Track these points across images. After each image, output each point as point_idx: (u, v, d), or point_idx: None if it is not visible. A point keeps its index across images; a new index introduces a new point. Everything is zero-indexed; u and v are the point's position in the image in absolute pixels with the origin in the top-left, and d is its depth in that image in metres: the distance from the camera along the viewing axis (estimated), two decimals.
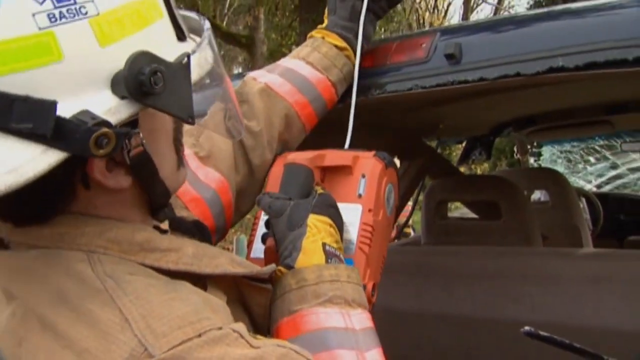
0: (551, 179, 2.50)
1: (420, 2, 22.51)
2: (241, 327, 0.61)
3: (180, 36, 0.65)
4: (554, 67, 0.88)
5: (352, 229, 0.85)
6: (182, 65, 0.61)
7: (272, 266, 0.75)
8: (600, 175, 4.86)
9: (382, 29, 11.05)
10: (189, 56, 0.61)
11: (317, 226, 0.78)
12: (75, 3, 0.54)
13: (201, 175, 0.95)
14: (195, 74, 0.63)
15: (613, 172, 4.83)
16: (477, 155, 3.05)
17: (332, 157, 0.90)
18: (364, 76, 1.07)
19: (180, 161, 0.72)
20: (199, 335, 0.56)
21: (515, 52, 0.92)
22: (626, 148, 3.52)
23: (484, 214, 2.38)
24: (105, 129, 0.54)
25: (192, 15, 0.72)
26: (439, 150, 2.77)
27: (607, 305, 1.28)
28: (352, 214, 0.85)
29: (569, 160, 4.73)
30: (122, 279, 0.59)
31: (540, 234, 1.94)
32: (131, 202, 0.68)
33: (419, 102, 1.76)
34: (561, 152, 4.64)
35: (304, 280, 0.74)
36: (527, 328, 0.78)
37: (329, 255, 0.76)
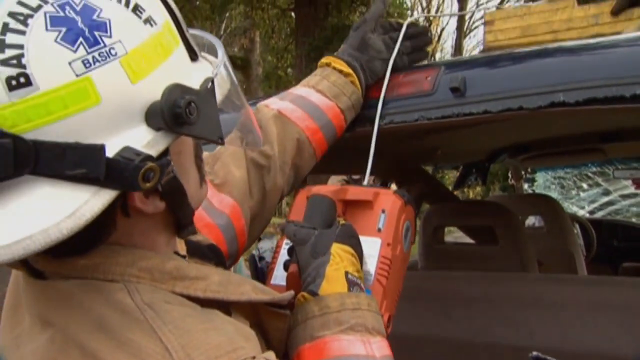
0: (546, 205, 2.54)
1: None
2: (271, 355, 0.64)
3: (193, 57, 0.68)
4: (555, 102, 0.92)
5: (371, 261, 0.88)
6: (208, 90, 0.64)
7: (291, 293, 0.78)
8: (592, 202, 4.92)
9: None
10: (212, 81, 0.65)
11: (340, 255, 0.81)
12: (105, 46, 0.57)
13: (216, 202, 0.98)
14: (218, 95, 0.66)
15: (605, 199, 4.89)
16: (473, 181, 3.09)
17: (354, 191, 0.94)
18: (371, 106, 1.11)
19: (202, 178, 0.74)
20: None
21: (518, 86, 0.96)
22: (618, 175, 3.58)
23: (480, 239, 2.41)
24: (150, 164, 0.57)
25: (198, 33, 0.73)
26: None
27: (603, 331, 1.30)
28: (371, 246, 0.88)
29: (563, 187, 4.79)
30: (160, 308, 0.61)
31: (536, 260, 1.97)
32: (163, 226, 0.70)
33: (420, 131, 1.81)
34: (555, 178, 4.69)
35: (327, 308, 0.76)
36: (535, 353, 0.80)
37: (351, 284, 0.78)
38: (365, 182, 1.05)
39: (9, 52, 0.54)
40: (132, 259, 0.65)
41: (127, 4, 0.60)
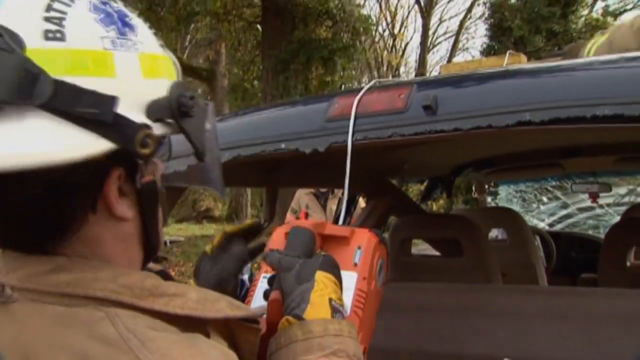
0: (509, 218, 2.62)
1: (378, 42, 23.12)
2: None
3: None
4: (522, 121, 0.97)
5: (348, 294, 0.91)
6: (204, 107, 0.71)
7: (264, 306, 0.83)
8: (552, 214, 5.07)
9: (343, 68, 11.31)
10: (209, 104, 0.72)
11: (324, 282, 0.83)
12: (130, 39, 0.67)
13: None
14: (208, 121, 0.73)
15: (564, 212, 5.04)
16: (439, 194, 3.16)
17: (332, 227, 0.98)
18: (344, 124, 1.13)
19: (166, 220, 0.78)
20: None
21: (488, 105, 1.01)
22: (576, 189, 3.71)
23: (446, 251, 2.47)
24: (150, 131, 0.64)
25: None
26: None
27: (564, 339, 1.35)
28: (348, 280, 0.91)
29: (524, 200, 4.92)
30: (145, 336, 0.61)
31: (500, 271, 2.03)
32: (133, 241, 0.71)
33: (390, 147, 1.85)
34: (516, 191, 4.82)
35: (310, 332, 0.78)
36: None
37: (334, 310, 0.81)
38: (342, 219, 1.16)
39: (54, 14, 0.62)
40: (113, 275, 0.66)
41: (150, 28, 0.72)
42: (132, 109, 0.64)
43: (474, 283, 1.87)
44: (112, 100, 0.61)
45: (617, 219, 3.29)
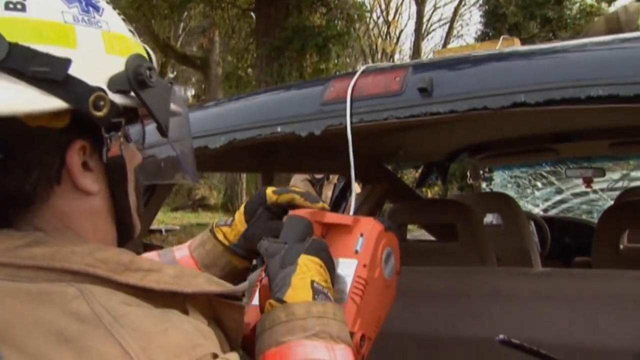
0: (503, 203, 2.63)
1: (373, 29, 23.03)
2: (234, 356, 0.66)
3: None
4: (516, 102, 0.97)
5: (347, 280, 0.90)
6: (167, 85, 0.74)
7: (245, 284, 0.85)
8: (546, 200, 5.10)
9: (338, 55, 11.27)
10: (172, 83, 0.76)
11: (307, 265, 0.83)
12: (94, 17, 0.70)
13: None
14: (173, 102, 0.76)
15: (558, 197, 5.08)
16: (434, 180, 3.17)
17: (333, 216, 0.97)
18: (341, 107, 1.14)
19: (140, 207, 0.82)
20: None
21: (483, 87, 1.01)
22: (570, 174, 3.73)
23: (441, 236, 2.49)
24: (103, 94, 0.66)
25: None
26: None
27: (559, 320, 1.37)
28: (348, 267, 0.91)
29: (519, 185, 4.94)
30: (117, 312, 0.61)
31: (494, 256, 2.05)
32: (103, 217, 0.73)
33: (384, 131, 1.85)
34: (511, 177, 4.84)
35: (292, 315, 0.78)
36: (501, 336, 0.85)
37: (316, 292, 0.81)
38: (352, 207, 1.12)
39: None
40: (90, 249, 0.67)
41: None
42: (91, 78, 0.66)
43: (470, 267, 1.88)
44: (65, 61, 0.64)
45: (611, 203, 3.32)
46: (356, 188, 3.24)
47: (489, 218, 3.23)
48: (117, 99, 0.68)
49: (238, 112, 1.31)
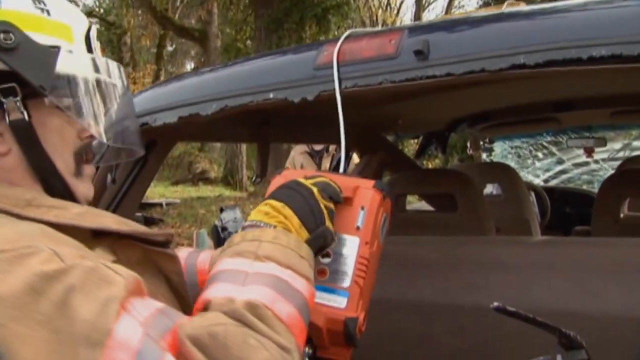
0: (504, 173, 2.61)
1: (373, 0, 22.72)
2: (69, 252, 0.67)
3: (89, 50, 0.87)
4: (516, 64, 0.94)
5: (349, 261, 0.88)
6: (47, 48, 0.79)
7: (167, 232, 0.87)
8: (547, 170, 5.07)
9: (337, 27, 11.11)
10: (59, 48, 0.80)
11: (259, 209, 0.85)
12: None
13: None
14: (70, 68, 0.81)
15: (559, 167, 5.05)
16: (433, 151, 3.14)
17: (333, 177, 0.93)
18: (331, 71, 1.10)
19: (79, 172, 0.85)
20: (17, 249, 0.65)
21: (481, 49, 0.97)
22: (571, 144, 3.70)
23: (441, 206, 2.47)
24: None
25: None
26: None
27: (558, 289, 1.36)
28: (350, 245, 0.88)
29: (519, 156, 4.91)
30: None
31: (494, 226, 2.03)
32: (22, 174, 0.80)
33: (382, 99, 1.82)
34: (512, 147, 4.81)
35: (230, 242, 0.81)
36: (496, 304, 0.83)
37: (243, 228, 0.83)
38: (341, 169, 1.08)
39: None
40: None
41: None
42: None
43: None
44: None
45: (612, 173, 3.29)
46: (355, 159, 3.22)
47: (489, 189, 3.21)
48: None
49: (230, 78, 1.27)
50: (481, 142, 3.61)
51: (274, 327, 0.69)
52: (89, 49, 0.87)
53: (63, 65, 0.80)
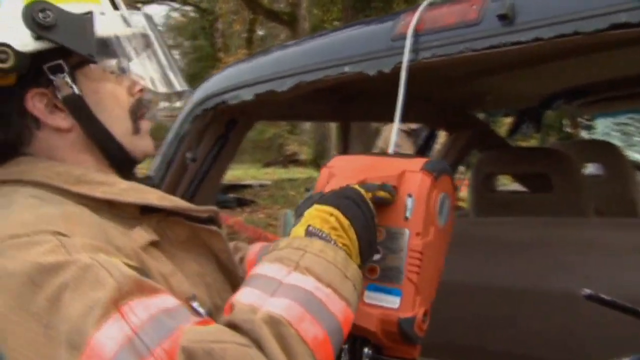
0: (605, 152, 2.42)
1: None
2: (79, 241, 0.67)
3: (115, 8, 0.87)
4: (616, 24, 0.83)
5: (400, 256, 0.81)
6: (81, 16, 0.80)
7: (210, 208, 0.87)
8: None
9: None
10: (92, 13, 0.81)
11: (311, 214, 0.76)
12: None
13: None
14: (108, 29, 0.82)
15: None
16: (526, 129, 2.97)
17: (375, 172, 0.84)
18: (413, 41, 1.04)
19: (137, 129, 0.87)
20: (27, 235, 0.67)
21: (574, 8, 0.87)
22: None
23: (534, 187, 2.33)
24: (3, 47, 0.75)
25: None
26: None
27: None
28: (399, 239, 0.81)
29: (625, 134, 4.53)
30: (14, 200, 0.75)
31: (595, 208, 1.88)
32: (82, 147, 0.84)
33: (468, 74, 1.73)
34: (616, 124, 4.45)
35: (276, 246, 0.74)
36: (587, 291, 0.75)
37: (308, 234, 0.74)
38: (391, 149, 0.97)
39: None
40: (50, 165, 0.80)
41: None
42: (16, 31, 0.76)
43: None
44: None
45: None
46: (441, 136, 3.10)
47: (590, 169, 2.99)
48: (33, 45, 0.77)
49: (304, 54, 1.25)
50: (580, 120, 3.37)
51: (291, 349, 0.62)
52: (115, 6, 0.88)
53: (100, 29, 0.82)
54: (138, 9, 0.95)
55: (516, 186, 2.67)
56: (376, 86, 1.14)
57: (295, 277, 0.68)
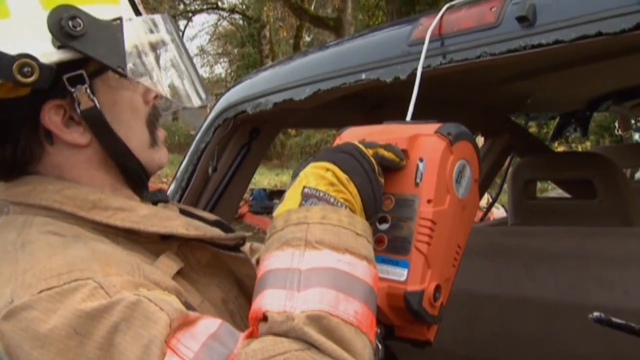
0: None
1: None
2: (117, 280, 0.63)
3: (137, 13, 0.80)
4: None
5: (410, 225, 0.73)
6: (110, 23, 0.73)
7: (239, 233, 0.82)
8: None
9: None
10: (121, 19, 0.74)
11: (305, 173, 0.71)
12: None
13: None
14: (134, 37, 0.75)
15: None
16: (572, 132, 2.85)
17: (387, 135, 0.78)
18: (430, 46, 1.01)
19: (155, 141, 0.82)
20: (63, 285, 0.62)
21: (597, 8, 0.82)
22: None
23: (577, 193, 2.22)
24: (27, 60, 0.66)
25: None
26: (531, 128, 2.62)
27: None
28: (409, 206, 0.74)
29: None
30: (29, 238, 0.69)
31: None
32: (97, 165, 0.78)
33: (507, 76, 1.66)
34: None
35: (273, 228, 0.68)
36: (596, 314, 0.69)
37: (305, 197, 0.68)
38: (409, 117, 0.90)
39: None
40: (60, 187, 0.74)
41: None
42: (35, 39, 0.68)
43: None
44: None
45: None
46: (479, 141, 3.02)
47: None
48: (57, 55, 0.69)
49: (322, 61, 1.22)
50: (632, 121, 3.22)
51: (342, 337, 0.59)
52: (135, 9, 0.80)
53: (128, 38, 0.74)
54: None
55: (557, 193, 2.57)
56: (405, 91, 1.10)
57: (311, 257, 0.64)
